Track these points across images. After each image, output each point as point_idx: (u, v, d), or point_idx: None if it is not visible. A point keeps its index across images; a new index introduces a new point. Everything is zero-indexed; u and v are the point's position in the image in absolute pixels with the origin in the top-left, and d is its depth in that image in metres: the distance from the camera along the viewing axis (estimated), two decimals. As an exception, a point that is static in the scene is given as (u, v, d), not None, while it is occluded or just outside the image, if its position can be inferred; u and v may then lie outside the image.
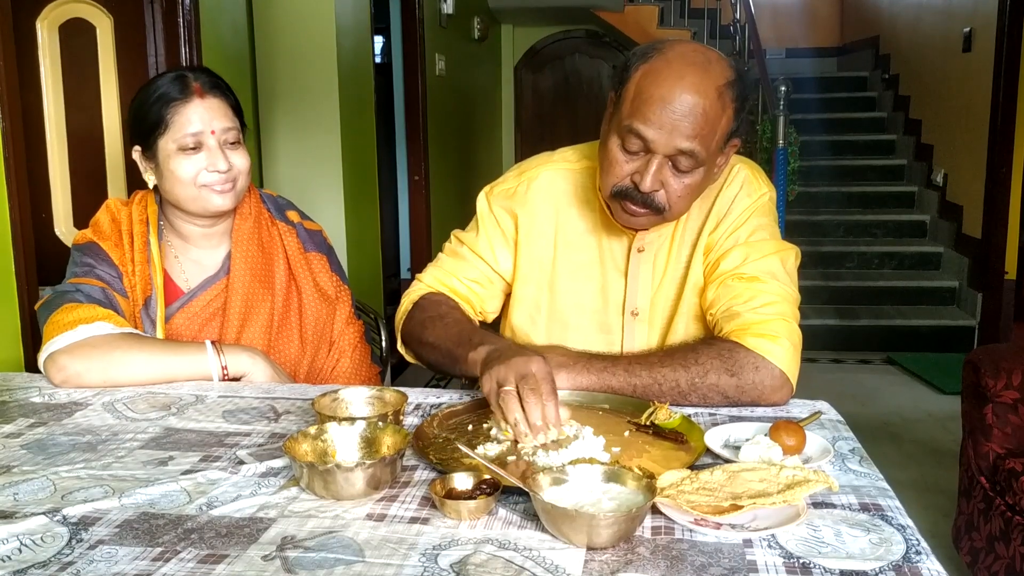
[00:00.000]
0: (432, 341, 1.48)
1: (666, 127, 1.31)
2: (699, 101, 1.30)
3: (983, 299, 5.17)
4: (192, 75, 1.60)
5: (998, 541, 2.21)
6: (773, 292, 1.41)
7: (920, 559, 0.89)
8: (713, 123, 1.32)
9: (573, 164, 1.59)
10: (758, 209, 1.49)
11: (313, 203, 3.57)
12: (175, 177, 1.57)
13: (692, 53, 1.34)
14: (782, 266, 1.46)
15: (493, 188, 1.62)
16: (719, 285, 1.45)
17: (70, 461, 1.17)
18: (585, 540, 0.91)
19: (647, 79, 1.33)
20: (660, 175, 1.35)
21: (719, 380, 1.34)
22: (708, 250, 1.49)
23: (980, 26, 5.32)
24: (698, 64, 1.32)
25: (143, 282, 1.62)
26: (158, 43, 2.78)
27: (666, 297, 1.53)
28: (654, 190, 1.36)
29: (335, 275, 1.76)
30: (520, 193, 1.58)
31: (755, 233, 1.47)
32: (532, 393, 1.16)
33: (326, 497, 1.03)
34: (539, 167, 1.60)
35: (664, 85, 1.31)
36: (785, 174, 4.82)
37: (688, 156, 1.33)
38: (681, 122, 1.30)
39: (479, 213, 1.62)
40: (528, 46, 7.67)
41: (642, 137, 1.33)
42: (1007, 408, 2.26)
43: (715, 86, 1.32)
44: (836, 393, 4.05)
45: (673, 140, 1.31)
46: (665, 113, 1.30)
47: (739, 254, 1.45)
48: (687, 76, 1.31)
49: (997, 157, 5.04)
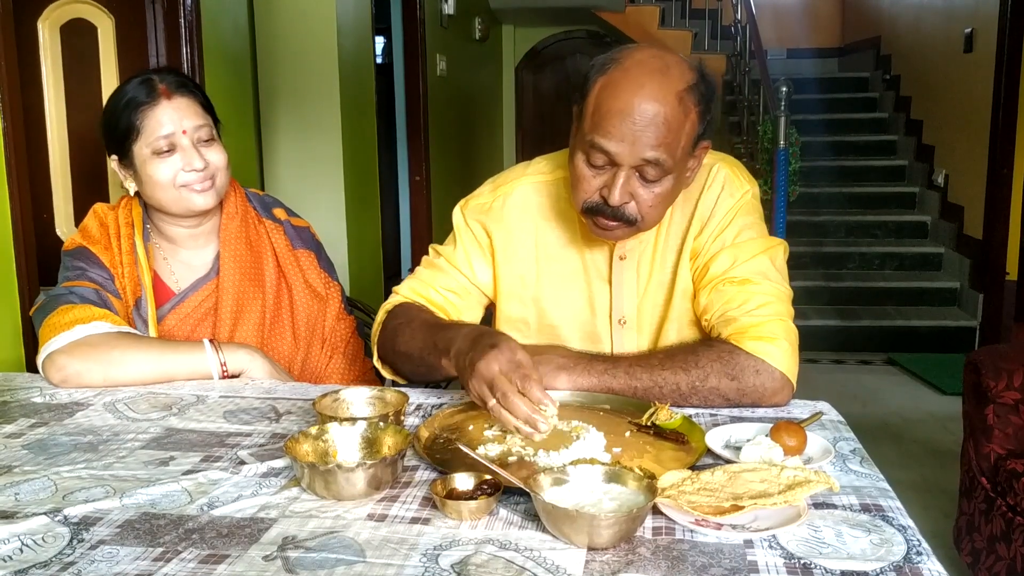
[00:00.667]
0: (403, 351, 1.45)
1: (628, 139, 1.29)
2: (660, 109, 1.28)
3: (984, 300, 5.17)
4: (158, 77, 1.59)
5: (999, 542, 2.21)
6: (766, 292, 1.40)
7: (921, 560, 0.89)
8: (676, 130, 1.30)
9: (548, 176, 1.56)
10: (742, 208, 1.46)
11: (314, 203, 3.58)
12: (153, 181, 1.58)
13: (650, 60, 1.32)
14: (772, 264, 1.44)
15: (468, 202, 1.59)
16: (711, 290, 1.43)
17: (71, 461, 1.17)
18: (586, 540, 0.91)
19: (605, 92, 1.31)
20: (628, 187, 1.33)
21: (720, 384, 1.34)
22: (695, 255, 1.47)
23: (981, 27, 5.31)
24: (656, 71, 1.30)
25: (132, 284, 1.62)
26: (159, 43, 2.78)
27: (653, 304, 1.51)
28: (624, 203, 1.34)
29: (324, 271, 1.76)
30: (496, 209, 1.55)
31: (741, 234, 1.44)
32: (507, 397, 1.13)
33: (327, 497, 1.03)
34: (514, 181, 1.57)
35: (623, 97, 1.29)
36: (786, 175, 4.81)
37: (654, 165, 1.31)
38: (643, 132, 1.28)
39: (455, 226, 1.59)
40: (529, 47, 7.67)
41: (605, 151, 1.31)
42: (1008, 409, 2.26)
43: (675, 92, 1.30)
44: (837, 393, 4.05)
45: (637, 151, 1.29)
46: (626, 125, 1.28)
47: (727, 257, 1.43)
48: (646, 85, 1.29)
49: (998, 158, 5.04)
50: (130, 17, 2.79)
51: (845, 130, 6.92)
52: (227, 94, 3.13)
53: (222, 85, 3.06)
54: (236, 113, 3.27)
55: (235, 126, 3.18)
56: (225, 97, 3.07)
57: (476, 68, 6.59)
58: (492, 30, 6.91)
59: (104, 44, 2.80)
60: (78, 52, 2.79)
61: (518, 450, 1.16)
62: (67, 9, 2.78)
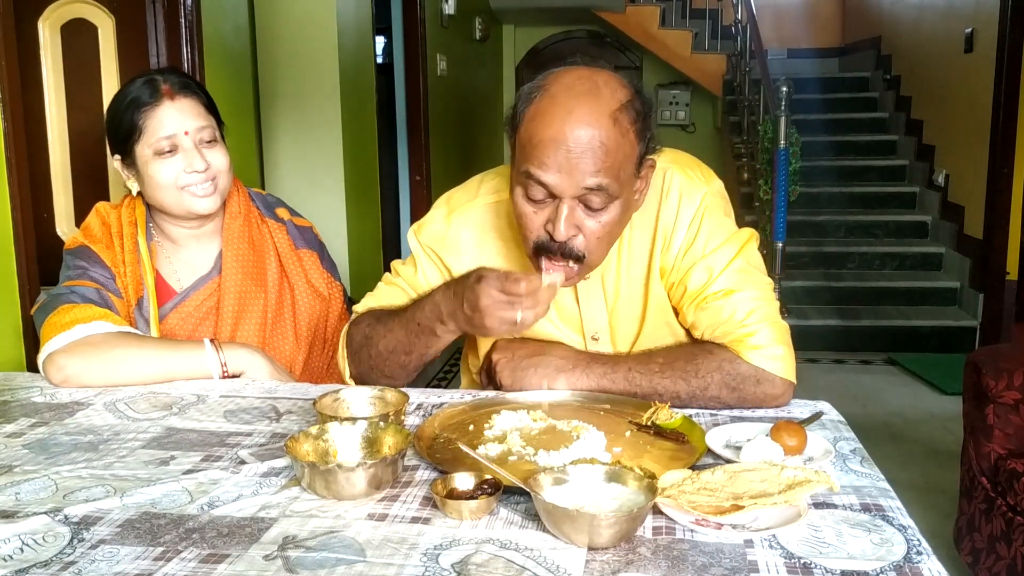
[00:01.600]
0: (384, 348, 1.43)
1: (564, 168, 1.22)
2: (594, 133, 1.21)
3: (984, 299, 5.17)
4: (161, 77, 1.59)
5: (999, 542, 2.21)
6: (751, 298, 1.36)
7: (921, 559, 0.89)
8: (615, 152, 1.23)
9: (502, 195, 1.47)
10: (705, 212, 1.39)
11: (314, 203, 3.58)
12: (155, 182, 1.58)
13: (576, 83, 1.24)
14: (747, 263, 1.39)
15: (421, 228, 1.53)
16: (696, 308, 1.39)
17: (72, 461, 1.17)
18: (586, 540, 0.91)
19: (535, 122, 1.24)
20: (573, 219, 1.25)
21: (720, 393, 1.33)
22: (665, 272, 1.41)
23: (982, 27, 5.31)
24: (585, 94, 1.23)
25: (135, 283, 1.62)
26: (160, 44, 2.78)
27: (626, 318, 1.46)
28: (571, 236, 1.27)
29: (327, 272, 1.76)
30: (451, 238, 1.49)
31: (710, 241, 1.38)
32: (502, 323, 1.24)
33: (327, 497, 1.03)
34: (467, 204, 1.50)
35: (553, 125, 1.22)
36: (786, 175, 4.82)
37: (597, 192, 1.23)
38: (580, 160, 1.21)
39: (412, 251, 1.53)
40: (529, 46, 7.68)
41: (543, 184, 1.23)
42: (1008, 409, 2.26)
43: (608, 113, 1.22)
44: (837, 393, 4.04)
45: (576, 180, 1.22)
46: (560, 154, 1.21)
47: (702, 270, 1.38)
48: (575, 110, 1.21)
49: (998, 157, 5.03)
50: (130, 17, 2.79)
51: (845, 130, 6.92)
52: (228, 94, 3.12)
53: (223, 85, 3.06)
54: (237, 113, 3.27)
55: (236, 126, 3.17)
56: (226, 97, 3.07)
57: (476, 68, 6.59)
58: (492, 30, 6.91)
59: (105, 44, 2.80)
60: (79, 52, 2.79)
61: (518, 450, 1.16)
62: (68, 9, 2.78)
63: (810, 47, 8.64)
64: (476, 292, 1.25)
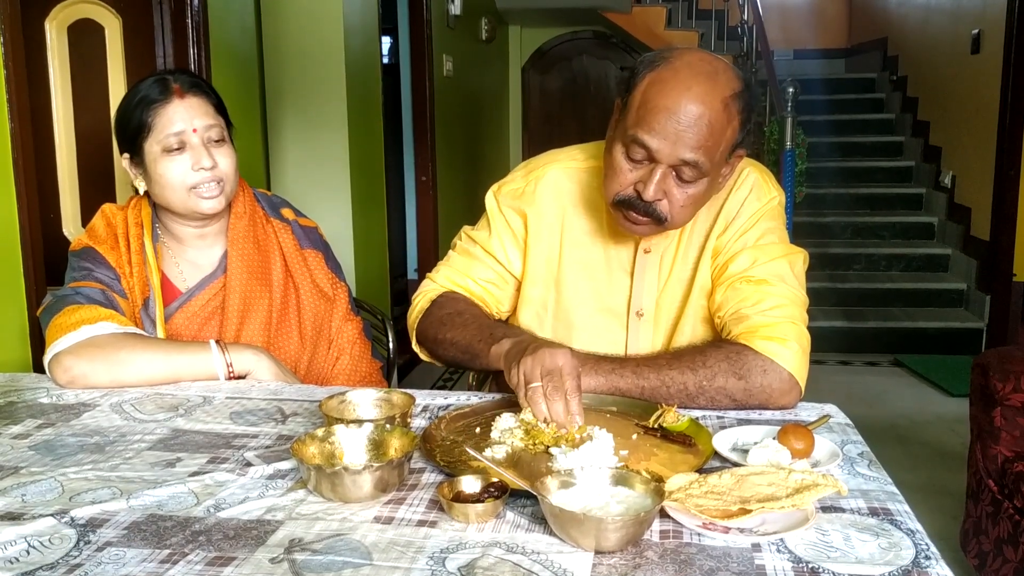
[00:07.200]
0: (451, 338, 1.49)
1: (670, 137, 1.30)
2: (705, 112, 1.30)
3: (991, 301, 5.15)
4: (172, 77, 1.61)
5: (1006, 544, 2.20)
6: (781, 295, 1.41)
7: (929, 564, 0.88)
8: (718, 135, 1.32)
9: (580, 163, 1.58)
10: (767, 213, 1.49)
11: (320, 203, 3.58)
12: (163, 180, 1.58)
13: (699, 63, 1.33)
14: (790, 269, 1.46)
15: (501, 187, 1.62)
16: (727, 288, 1.44)
17: (78, 462, 1.17)
18: (593, 544, 0.90)
19: (653, 88, 1.32)
20: (663, 185, 1.34)
21: (727, 383, 1.33)
22: (716, 253, 1.49)
23: (989, 28, 5.30)
24: (705, 74, 1.31)
25: (141, 283, 1.62)
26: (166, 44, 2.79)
27: (672, 299, 1.53)
28: (657, 199, 1.35)
29: (331, 272, 1.77)
30: (528, 193, 1.58)
31: (764, 236, 1.47)
32: (556, 391, 1.17)
33: (333, 499, 1.03)
34: (546, 165, 1.60)
35: (670, 95, 1.30)
36: (793, 176, 4.81)
37: (692, 167, 1.32)
38: (685, 133, 1.30)
39: (489, 211, 1.61)
40: (535, 47, 7.67)
41: (646, 147, 1.32)
42: (1015, 411, 2.25)
43: (721, 97, 1.31)
44: (844, 395, 4.05)
45: (677, 151, 1.31)
46: (670, 123, 1.30)
47: (747, 257, 1.45)
48: (693, 87, 1.30)
49: (1005, 159, 5.02)
50: (137, 18, 2.80)
51: (852, 131, 6.91)
52: (234, 94, 3.13)
53: (229, 85, 3.07)
54: (243, 113, 3.27)
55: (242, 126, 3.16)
56: (232, 97, 3.06)
57: (482, 69, 6.59)
58: (498, 30, 6.91)
59: (111, 44, 2.81)
60: (85, 52, 2.80)
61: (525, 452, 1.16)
62: (74, 9, 2.79)
63: (816, 48, 8.64)
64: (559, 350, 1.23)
